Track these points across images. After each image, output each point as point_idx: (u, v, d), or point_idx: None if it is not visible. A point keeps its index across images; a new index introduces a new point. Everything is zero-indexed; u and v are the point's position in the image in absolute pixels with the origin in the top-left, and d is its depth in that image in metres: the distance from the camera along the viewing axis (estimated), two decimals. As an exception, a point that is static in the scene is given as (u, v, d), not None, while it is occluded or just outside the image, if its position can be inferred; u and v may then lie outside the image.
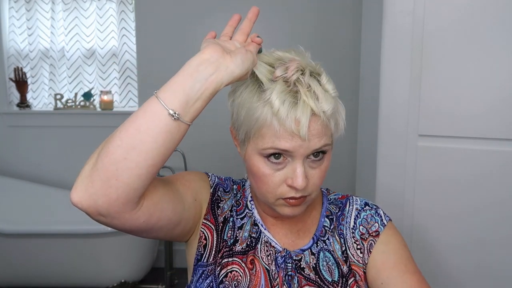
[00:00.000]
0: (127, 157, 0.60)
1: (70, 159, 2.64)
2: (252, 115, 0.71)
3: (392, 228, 0.86)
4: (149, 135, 0.61)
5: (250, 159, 0.74)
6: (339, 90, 0.74)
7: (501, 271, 1.41)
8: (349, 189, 2.46)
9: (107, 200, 0.61)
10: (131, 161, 0.60)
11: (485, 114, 1.35)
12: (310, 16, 2.44)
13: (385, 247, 0.82)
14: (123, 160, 0.60)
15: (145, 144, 0.61)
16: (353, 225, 0.84)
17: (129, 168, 0.61)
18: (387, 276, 0.79)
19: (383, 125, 1.45)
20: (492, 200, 1.38)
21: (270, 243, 0.82)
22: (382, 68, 1.43)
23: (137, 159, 0.61)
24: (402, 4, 1.37)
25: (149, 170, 0.62)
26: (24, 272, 2.18)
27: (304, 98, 0.67)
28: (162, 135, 0.61)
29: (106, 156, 0.61)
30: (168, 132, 0.61)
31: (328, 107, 0.68)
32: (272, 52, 0.76)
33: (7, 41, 2.60)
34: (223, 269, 0.81)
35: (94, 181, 0.61)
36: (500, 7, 1.30)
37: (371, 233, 0.83)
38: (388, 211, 1.48)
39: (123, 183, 0.61)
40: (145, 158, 0.61)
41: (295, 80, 0.69)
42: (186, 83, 0.62)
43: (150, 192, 0.68)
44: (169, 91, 0.62)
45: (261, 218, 0.85)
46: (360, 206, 0.87)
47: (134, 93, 2.64)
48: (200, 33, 2.44)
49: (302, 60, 0.72)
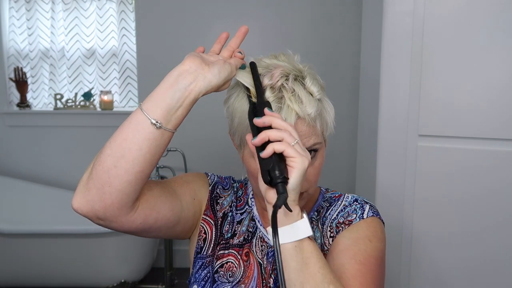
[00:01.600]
0: (117, 165, 0.66)
1: (70, 159, 2.64)
2: (244, 122, 0.75)
3: (371, 223, 0.81)
4: (134, 144, 0.66)
5: (247, 162, 0.78)
6: (339, 90, 0.75)
7: (501, 270, 1.41)
8: (349, 188, 2.46)
9: (103, 205, 0.68)
10: (121, 168, 0.66)
11: (485, 114, 1.35)
12: (310, 16, 2.44)
13: (349, 234, 0.79)
14: (114, 168, 0.66)
15: (132, 152, 0.66)
16: (334, 217, 0.84)
17: (119, 175, 0.66)
18: (333, 256, 0.76)
19: (383, 125, 1.45)
20: (492, 200, 1.38)
21: (264, 238, 0.86)
22: (382, 68, 1.43)
23: (126, 166, 0.66)
24: (402, 4, 1.37)
25: (137, 176, 0.68)
26: (24, 272, 2.18)
27: (288, 103, 0.72)
28: (146, 142, 0.66)
29: (99, 165, 0.67)
30: (153, 139, 0.67)
31: (311, 110, 0.72)
32: (260, 60, 0.79)
33: (7, 41, 2.60)
34: (219, 260, 0.87)
35: (90, 189, 0.68)
36: (500, 7, 1.30)
37: (345, 222, 0.82)
38: (388, 210, 1.48)
39: (115, 189, 0.67)
40: (133, 165, 0.66)
41: (280, 86, 0.73)
42: (167, 93, 0.67)
43: (145, 195, 0.73)
44: (151, 101, 0.67)
45: (259, 214, 0.88)
46: (349, 202, 0.86)
47: (134, 93, 2.64)
48: (200, 33, 2.44)
49: (288, 65, 0.76)
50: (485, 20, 1.31)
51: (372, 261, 0.75)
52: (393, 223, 1.47)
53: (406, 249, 1.49)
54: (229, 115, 0.79)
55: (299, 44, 2.44)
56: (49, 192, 2.53)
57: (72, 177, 2.62)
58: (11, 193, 2.50)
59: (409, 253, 1.49)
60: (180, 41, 2.47)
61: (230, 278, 0.85)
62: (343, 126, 2.42)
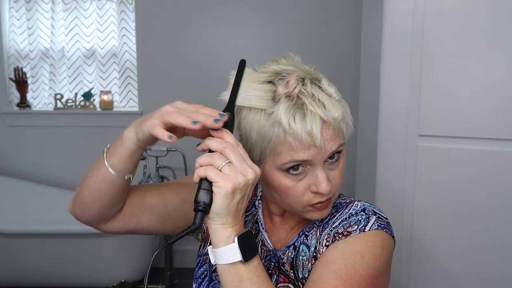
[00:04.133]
0: (93, 197, 0.77)
1: (70, 159, 2.64)
2: (264, 138, 0.70)
3: (370, 239, 0.74)
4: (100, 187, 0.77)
5: (270, 176, 0.74)
6: (339, 90, 0.74)
7: (501, 271, 1.41)
8: (349, 189, 2.46)
9: (87, 215, 0.80)
10: (95, 199, 0.77)
11: (485, 114, 1.35)
12: (310, 16, 2.44)
13: (342, 245, 0.74)
14: (90, 199, 0.77)
15: (101, 192, 0.77)
16: (335, 225, 0.79)
17: (95, 203, 0.77)
18: (316, 266, 0.73)
19: (383, 125, 1.45)
20: (492, 200, 1.38)
21: (264, 242, 0.85)
22: (382, 68, 1.43)
23: (100, 201, 0.77)
24: (402, 4, 1.37)
25: (111, 204, 0.78)
26: (24, 272, 2.18)
27: (311, 109, 0.68)
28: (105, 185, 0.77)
29: (82, 188, 0.78)
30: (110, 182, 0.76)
31: (337, 113, 0.69)
32: (267, 67, 0.74)
33: (7, 41, 2.60)
34: None
35: (77, 202, 0.80)
36: (500, 7, 1.30)
37: (344, 233, 0.76)
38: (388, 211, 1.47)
39: (94, 210, 0.78)
40: (103, 199, 0.77)
41: (298, 92, 0.69)
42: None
43: (125, 206, 0.82)
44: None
45: (263, 218, 0.87)
46: (356, 211, 0.80)
47: (134, 93, 2.64)
48: (200, 33, 2.44)
49: (297, 69, 0.72)
50: (485, 20, 1.31)
51: (357, 279, 0.69)
52: (393, 224, 1.46)
53: (406, 249, 1.49)
54: (243, 131, 0.74)
55: (299, 44, 2.44)
56: (49, 192, 2.53)
57: (72, 177, 2.62)
58: (11, 193, 2.50)
59: (409, 253, 1.49)
60: (180, 41, 2.47)
61: None
62: (343, 126, 2.41)
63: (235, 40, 2.48)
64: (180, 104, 0.67)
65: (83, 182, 0.78)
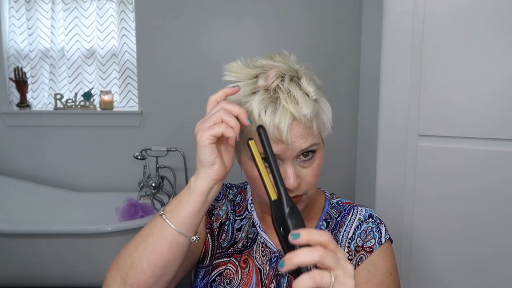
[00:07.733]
0: (160, 274, 0.69)
1: (70, 159, 2.64)
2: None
3: (387, 250, 0.83)
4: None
5: (244, 165, 0.77)
6: (339, 90, 0.74)
7: (501, 268, 1.41)
8: (349, 189, 2.46)
9: None
10: (164, 275, 0.70)
11: (485, 114, 1.35)
12: (310, 16, 2.44)
13: (373, 268, 0.79)
14: (156, 279, 0.69)
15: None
16: (351, 236, 0.83)
17: (163, 280, 0.70)
18: None
19: (383, 125, 1.45)
20: (492, 200, 1.38)
21: (266, 244, 0.85)
22: (382, 68, 1.43)
23: (170, 274, 0.71)
24: (402, 4, 1.37)
25: (178, 270, 0.72)
26: (24, 272, 2.18)
27: (283, 104, 0.69)
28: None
29: (138, 275, 0.70)
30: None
31: (307, 111, 0.69)
32: (255, 61, 0.76)
33: (7, 41, 2.60)
34: (215, 269, 0.87)
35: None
36: (500, 7, 1.30)
37: (365, 248, 0.81)
38: (388, 210, 1.48)
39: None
40: (172, 269, 0.71)
41: (275, 87, 0.70)
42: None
43: None
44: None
45: (259, 219, 0.87)
46: (364, 217, 0.84)
47: (134, 93, 2.64)
48: (200, 33, 2.44)
49: (284, 65, 0.73)
50: (485, 20, 1.31)
51: None
52: (393, 223, 1.47)
53: (406, 249, 1.49)
54: None
55: (299, 44, 2.44)
56: (49, 192, 2.53)
57: (72, 177, 2.63)
58: (11, 193, 2.50)
59: (409, 253, 1.49)
60: (180, 41, 2.47)
61: (227, 286, 0.84)
62: (343, 126, 2.42)
63: (236, 40, 2.48)
64: (207, 122, 0.66)
65: (134, 268, 0.69)
